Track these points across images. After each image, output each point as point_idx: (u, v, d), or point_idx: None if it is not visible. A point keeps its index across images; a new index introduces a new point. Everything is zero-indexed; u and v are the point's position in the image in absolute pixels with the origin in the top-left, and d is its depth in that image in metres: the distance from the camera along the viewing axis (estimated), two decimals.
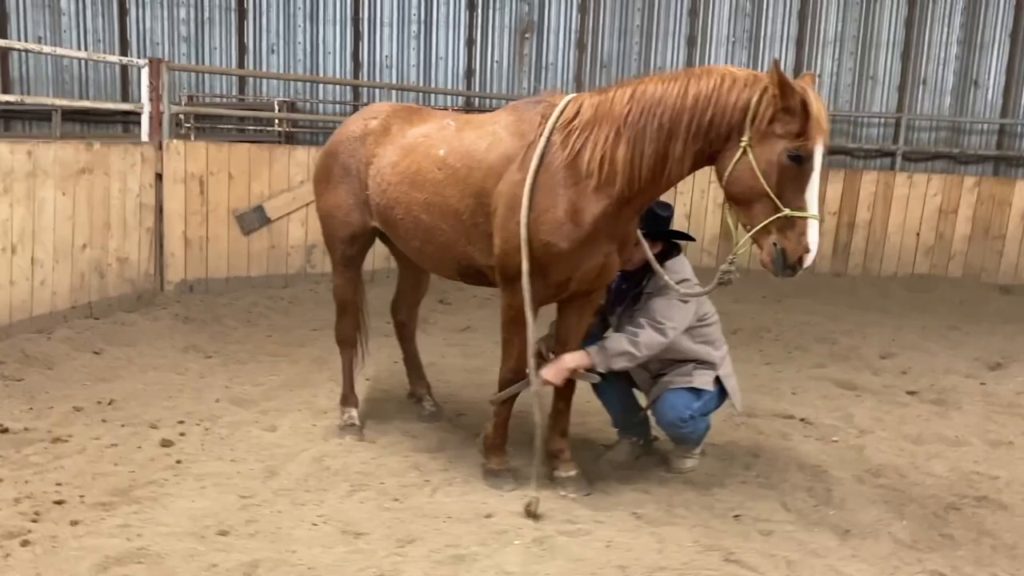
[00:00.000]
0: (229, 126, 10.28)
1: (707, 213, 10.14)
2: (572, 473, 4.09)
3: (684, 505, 3.94)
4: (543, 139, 3.67)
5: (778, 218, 3.27)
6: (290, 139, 11.19)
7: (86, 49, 10.45)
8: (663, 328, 3.91)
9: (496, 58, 11.25)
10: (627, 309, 4.16)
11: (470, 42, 10.95)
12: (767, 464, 4.48)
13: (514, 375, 4.00)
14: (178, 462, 4.24)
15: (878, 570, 3.38)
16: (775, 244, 3.29)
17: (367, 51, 11.05)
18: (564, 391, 4.10)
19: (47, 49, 7.99)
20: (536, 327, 3.82)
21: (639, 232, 3.93)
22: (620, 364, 3.91)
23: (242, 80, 10.97)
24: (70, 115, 10.12)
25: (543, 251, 3.65)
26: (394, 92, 10.14)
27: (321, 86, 11.05)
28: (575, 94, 3.89)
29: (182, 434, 4.62)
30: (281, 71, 10.72)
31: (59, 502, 3.69)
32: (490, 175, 3.82)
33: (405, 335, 5.17)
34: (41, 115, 10.42)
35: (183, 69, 10.18)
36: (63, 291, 6.39)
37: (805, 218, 3.25)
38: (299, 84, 10.95)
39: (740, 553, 3.45)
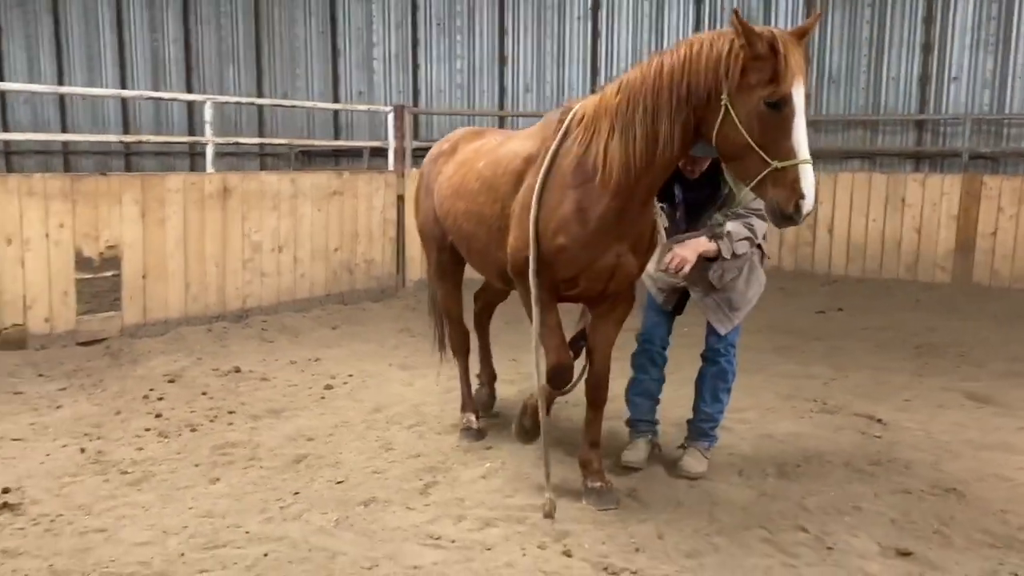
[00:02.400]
0: None
1: (939, 226, 9.68)
2: (598, 484, 4.07)
3: (648, 464, 4.50)
4: (556, 142, 3.85)
5: (769, 172, 3.29)
6: None
7: (391, 101, 13.12)
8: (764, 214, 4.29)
9: None
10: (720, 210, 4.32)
11: None
12: (772, 446, 4.83)
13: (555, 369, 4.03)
14: (322, 398, 5.84)
15: (740, 524, 3.79)
16: (771, 199, 3.32)
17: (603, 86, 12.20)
18: (596, 398, 4.17)
19: (308, 104, 10.44)
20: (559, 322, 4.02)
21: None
22: (741, 249, 4.24)
23: (502, 119, 12.85)
24: (377, 151, 12.79)
25: (551, 247, 3.80)
26: None
27: None
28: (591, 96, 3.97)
29: (344, 382, 6.20)
30: (534, 109, 12.35)
31: (231, 412, 5.46)
32: (512, 180, 4.03)
33: (481, 322, 5.50)
34: (357, 152, 13.35)
35: (420, 112, 12.50)
36: (319, 282, 8.58)
37: (796, 165, 3.25)
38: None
39: (637, 495, 4.09)
